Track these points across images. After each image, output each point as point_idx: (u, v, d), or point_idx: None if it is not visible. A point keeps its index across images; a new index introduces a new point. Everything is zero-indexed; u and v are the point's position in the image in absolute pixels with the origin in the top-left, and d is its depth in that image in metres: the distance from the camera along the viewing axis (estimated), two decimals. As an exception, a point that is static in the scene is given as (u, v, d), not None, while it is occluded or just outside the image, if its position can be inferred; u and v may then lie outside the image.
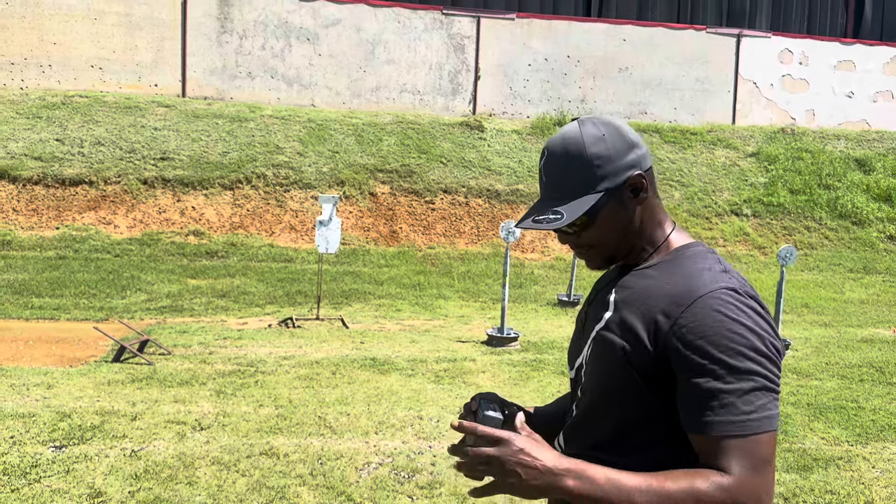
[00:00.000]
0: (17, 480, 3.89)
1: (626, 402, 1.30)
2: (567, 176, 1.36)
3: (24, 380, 5.60)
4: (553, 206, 1.36)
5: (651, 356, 1.26)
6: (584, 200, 1.34)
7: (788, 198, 14.65)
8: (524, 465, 1.18)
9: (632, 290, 1.35)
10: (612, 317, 1.35)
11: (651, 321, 1.27)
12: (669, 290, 1.28)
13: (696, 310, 1.23)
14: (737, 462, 1.17)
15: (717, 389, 1.19)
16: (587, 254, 1.42)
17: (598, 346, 1.36)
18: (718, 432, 1.18)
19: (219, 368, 6.13)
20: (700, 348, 1.20)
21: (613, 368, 1.30)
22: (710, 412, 1.19)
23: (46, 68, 14.48)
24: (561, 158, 1.37)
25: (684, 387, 1.22)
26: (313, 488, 3.94)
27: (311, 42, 15.38)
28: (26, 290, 8.96)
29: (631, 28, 16.48)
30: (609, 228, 1.38)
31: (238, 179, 12.83)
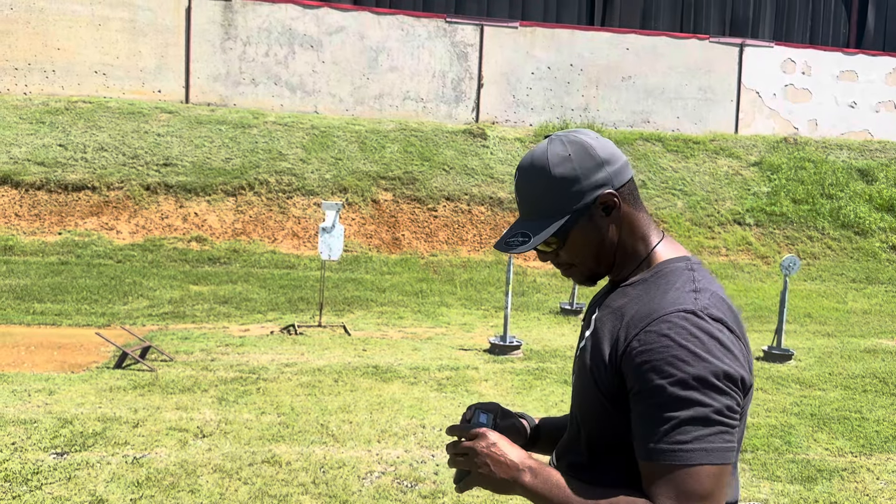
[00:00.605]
0: (19, 487, 3.87)
1: (598, 423, 1.31)
2: (535, 197, 1.36)
3: (25, 386, 5.59)
4: (522, 229, 1.37)
5: (611, 377, 1.26)
6: (551, 222, 1.34)
7: (791, 207, 14.64)
8: (493, 458, 1.27)
9: (609, 309, 1.35)
10: (589, 336, 1.36)
11: (614, 342, 1.27)
12: (635, 311, 1.27)
13: (648, 333, 1.21)
14: (662, 492, 1.15)
15: (657, 417, 1.17)
16: (568, 272, 1.42)
17: (577, 365, 1.40)
18: (651, 458, 1.17)
19: (221, 375, 6.11)
20: (644, 374, 1.19)
21: (587, 389, 1.32)
22: (647, 438, 1.17)
23: (50, 73, 14.52)
24: (530, 179, 1.36)
25: (633, 409, 1.22)
26: (316, 497, 3.92)
27: (314, 49, 15.42)
28: (28, 296, 8.95)
29: (634, 37, 16.51)
30: (583, 247, 1.37)
31: (241, 186, 12.84)
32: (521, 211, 1.40)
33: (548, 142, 1.37)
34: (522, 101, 16.18)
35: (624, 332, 1.25)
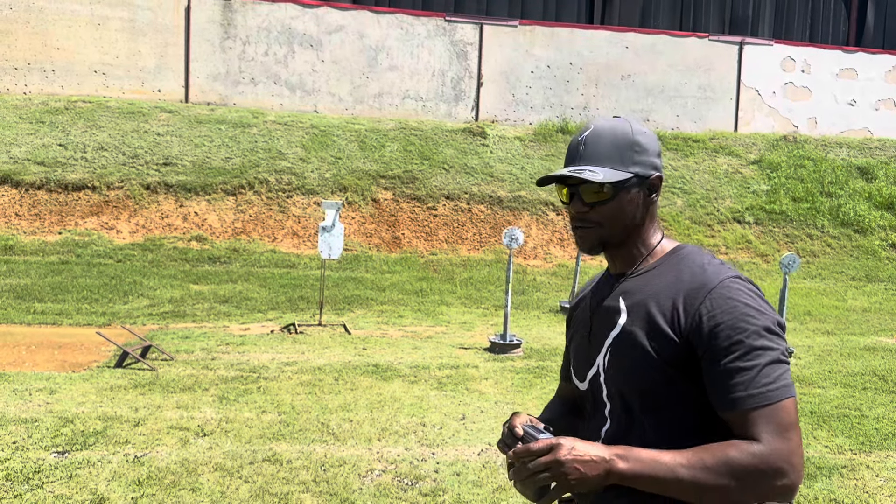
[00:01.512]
0: (20, 486, 3.88)
1: (664, 399, 1.39)
2: (608, 149, 1.46)
3: (26, 385, 5.60)
4: (587, 167, 1.46)
5: (678, 349, 1.36)
6: (618, 172, 1.45)
7: (791, 205, 14.64)
8: (580, 460, 1.27)
9: (640, 293, 1.45)
10: (628, 321, 1.44)
11: (672, 317, 1.38)
12: (681, 287, 1.40)
13: (712, 299, 1.35)
14: (764, 429, 1.28)
15: (739, 368, 1.31)
16: (587, 232, 1.49)
17: (620, 351, 1.44)
18: (745, 406, 1.29)
19: (221, 374, 6.12)
20: (720, 333, 1.32)
21: (645, 369, 1.39)
22: (735, 389, 1.30)
23: (50, 73, 14.52)
24: (607, 134, 1.48)
25: (710, 370, 1.33)
26: (316, 495, 3.93)
27: (314, 48, 15.42)
28: (29, 296, 8.96)
29: (633, 35, 16.51)
30: (619, 212, 1.47)
31: (241, 185, 12.85)
32: (583, 161, 1.47)
33: (629, 118, 1.54)
34: (522, 99, 16.18)
35: (682, 306, 1.37)
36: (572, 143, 1.52)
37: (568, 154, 1.52)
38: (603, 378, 1.47)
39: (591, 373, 1.50)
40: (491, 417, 5.37)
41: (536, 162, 14.61)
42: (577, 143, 1.50)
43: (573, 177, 1.46)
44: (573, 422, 1.67)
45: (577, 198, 1.48)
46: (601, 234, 1.49)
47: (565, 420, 1.67)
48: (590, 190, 1.46)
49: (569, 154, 1.52)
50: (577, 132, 1.54)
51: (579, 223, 1.50)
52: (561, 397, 1.77)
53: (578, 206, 1.48)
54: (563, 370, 1.76)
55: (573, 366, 1.60)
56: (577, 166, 1.48)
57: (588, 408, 1.56)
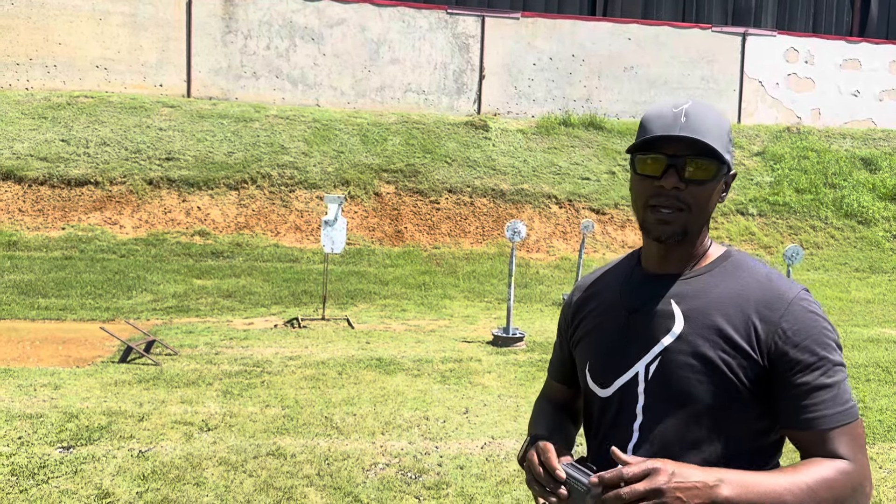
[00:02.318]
0: (26, 481, 3.90)
1: (722, 417, 1.30)
2: (713, 127, 1.32)
3: (31, 380, 5.62)
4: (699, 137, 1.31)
5: (755, 364, 1.29)
6: (725, 154, 1.32)
7: (794, 197, 14.61)
8: (682, 488, 1.15)
9: (698, 300, 1.34)
10: (687, 329, 1.32)
11: (748, 328, 1.29)
12: (752, 298, 1.31)
13: (794, 313, 1.29)
14: (848, 448, 1.25)
15: (824, 384, 1.26)
16: (676, 215, 1.33)
17: (676, 361, 1.32)
18: (831, 424, 1.25)
19: (225, 369, 6.14)
20: (807, 348, 1.27)
21: (710, 384, 1.29)
22: (819, 407, 1.26)
23: (52, 68, 14.51)
24: (708, 111, 1.33)
25: (790, 387, 1.27)
26: (320, 489, 3.94)
27: (315, 42, 15.39)
28: (32, 291, 8.98)
29: (636, 27, 16.45)
30: (709, 200, 1.34)
31: (243, 180, 12.85)
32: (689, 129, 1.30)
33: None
34: (524, 92, 16.14)
35: (759, 319, 1.29)
36: (664, 113, 1.33)
37: (659, 123, 1.32)
38: (642, 388, 1.35)
39: (623, 380, 1.37)
40: (494, 411, 5.37)
41: (539, 155, 14.58)
42: (673, 114, 1.32)
43: (689, 139, 1.28)
44: (570, 432, 1.55)
45: (675, 171, 1.31)
46: (688, 221, 1.34)
47: (564, 432, 1.52)
48: (699, 165, 1.31)
49: (661, 123, 1.32)
50: (660, 105, 1.36)
51: (667, 202, 1.32)
52: (551, 401, 1.63)
53: (674, 180, 1.30)
54: (558, 371, 1.62)
55: (591, 369, 1.44)
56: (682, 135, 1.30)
57: (604, 417, 1.42)
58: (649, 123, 1.35)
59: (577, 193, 13.85)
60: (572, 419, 1.61)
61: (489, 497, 3.94)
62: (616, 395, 1.38)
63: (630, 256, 1.52)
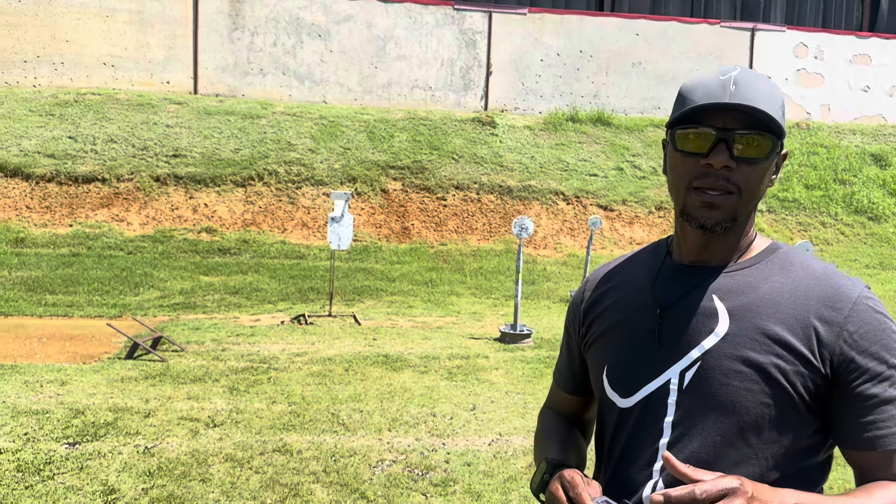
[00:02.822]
0: (31, 477, 3.89)
1: (780, 430, 1.14)
2: (766, 96, 1.15)
3: (37, 376, 5.61)
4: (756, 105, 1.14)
5: (815, 370, 1.13)
6: (781, 127, 1.15)
7: (804, 193, 14.51)
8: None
9: (746, 296, 1.17)
10: (734, 328, 1.15)
11: (808, 330, 1.13)
12: (812, 294, 1.15)
13: (860, 313, 1.14)
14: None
15: (893, 397, 1.11)
16: (724, 198, 1.16)
17: (722, 366, 1.15)
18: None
19: (232, 365, 6.12)
20: (876, 354, 1.12)
21: (762, 393, 1.13)
22: (888, 423, 1.11)
23: (59, 66, 14.54)
24: (759, 78, 1.17)
25: (854, 399, 1.12)
26: (327, 485, 3.92)
27: (322, 38, 15.36)
28: (40, 288, 8.99)
29: (644, 22, 16.36)
30: (761, 181, 1.19)
31: (250, 176, 12.84)
32: (742, 96, 1.14)
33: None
34: (532, 88, 16.08)
35: (820, 321, 1.13)
36: (710, 81, 1.17)
37: (703, 91, 1.16)
38: (674, 398, 1.17)
39: (651, 389, 1.19)
40: (501, 408, 5.34)
41: (546, 151, 14.53)
42: (720, 82, 1.15)
43: (744, 107, 1.12)
44: (582, 451, 1.39)
45: (725, 147, 1.14)
46: (737, 206, 1.18)
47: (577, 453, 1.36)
48: (752, 141, 1.15)
49: (705, 91, 1.16)
50: (704, 73, 1.19)
51: (716, 184, 1.16)
52: (559, 414, 1.45)
53: (724, 158, 1.14)
54: (566, 379, 1.43)
55: (609, 374, 1.26)
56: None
57: (621, 433, 1.24)
58: (691, 93, 1.17)
59: (585, 190, 13.79)
60: (583, 432, 1.46)
61: (496, 494, 3.90)
62: (639, 406, 1.21)
63: (657, 246, 1.34)
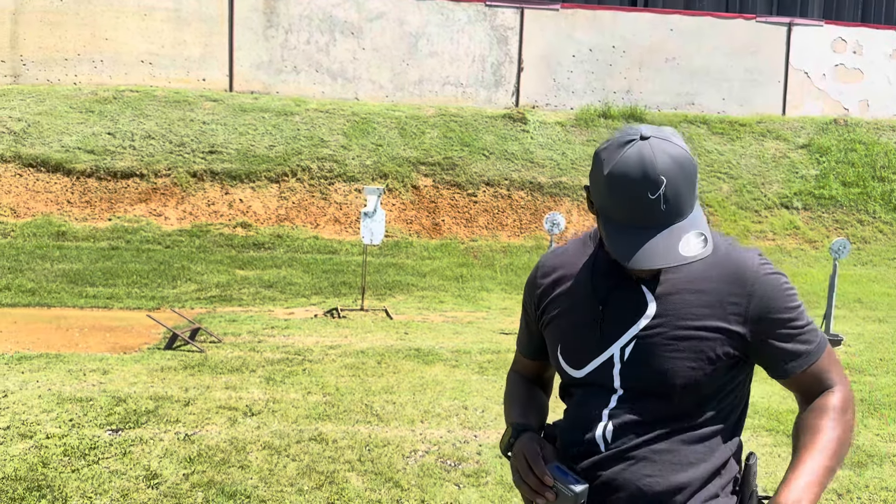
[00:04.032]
0: (78, 461, 4.02)
1: (709, 386, 1.39)
2: (687, 196, 1.31)
3: (80, 365, 5.78)
4: (687, 231, 1.31)
5: (732, 333, 1.38)
6: (700, 219, 1.34)
7: (841, 190, 14.27)
8: None
9: (669, 281, 1.41)
10: (661, 310, 1.39)
11: (724, 304, 1.39)
12: (721, 273, 1.40)
13: (761, 282, 1.39)
14: (834, 376, 1.43)
15: (799, 331, 1.40)
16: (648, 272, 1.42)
17: (654, 342, 1.39)
18: (813, 359, 1.41)
19: (268, 356, 6.24)
20: (779, 306, 1.39)
21: (692, 360, 1.37)
22: (802, 349, 1.40)
23: (98, 64, 14.85)
24: (679, 179, 1.29)
25: (774, 342, 1.39)
26: (362, 474, 4.00)
27: (354, 36, 15.48)
28: (81, 280, 9.22)
29: (678, 17, 16.21)
30: None
31: (284, 172, 13.01)
32: (668, 217, 1.30)
33: (671, 136, 1.32)
34: (563, 84, 16.03)
35: (728, 291, 1.39)
36: (640, 199, 1.28)
37: (638, 211, 1.29)
38: (618, 369, 1.40)
39: (598, 363, 1.42)
40: (533, 401, 5.37)
41: (578, 147, 14.48)
42: (650, 201, 1.28)
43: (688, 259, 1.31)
44: (543, 406, 1.65)
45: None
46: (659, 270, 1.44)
47: (539, 410, 1.61)
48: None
49: (640, 213, 1.29)
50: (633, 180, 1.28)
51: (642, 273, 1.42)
52: (523, 376, 1.71)
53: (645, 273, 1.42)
54: (526, 347, 1.67)
55: (563, 351, 1.48)
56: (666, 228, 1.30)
57: (578, 393, 1.48)
58: (623, 204, 1.30)
59: (617, 186, 13.71)
60: (543, 388, 1.73)
61: (529, 485, 3.94)
62: (591, 376, 1.44)
63: (589, 238, 1.54)
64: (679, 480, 1.36)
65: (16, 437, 4.29)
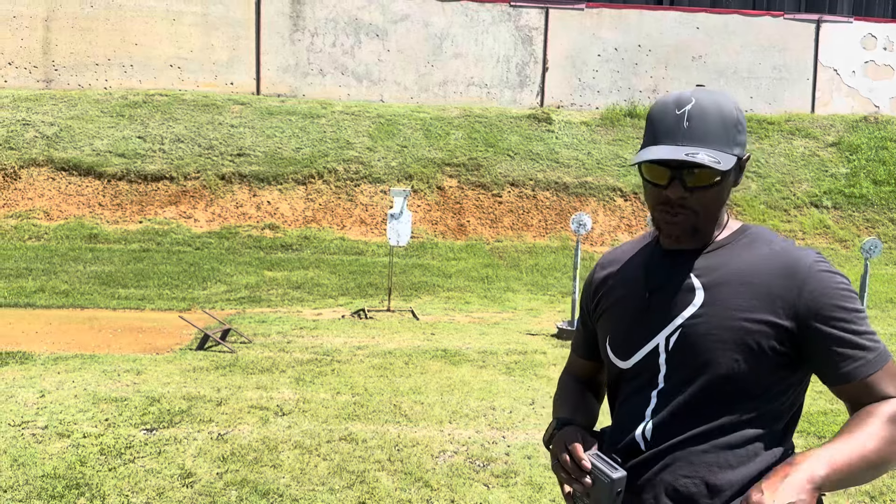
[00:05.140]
0: (114, 460, 4.11)
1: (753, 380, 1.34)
2: (716, 128, 1.34)
3: (114, 366, 5.89)
4: (699, 149, 1.32)
5: (780, 328, 1.32)
6: (728, 156, 1.34)
7: (872, 189, 14.06)
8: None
9: (718, 272, 1.37)
10: (708, 299, 1.36)
11: (773, 297, 1.33)
12: (773, 267, 1.35)
13: (814, 276, 1.33)
14: (892, 385, 1.31)
15: (855, 333, 1.31)
16: (682, 218, 1.37)
17: (699, 331, 1.35)
18: (871, 370, 1.30)
19: (297, 357, 6.31)
20: (831, 304, 1.31)
21: (735, 351, 1.32)
22: (858, 355, 1.31)
23: (128, 68, 15.09)
24: (712, 110, 1.34)
25: (828, 344, 1.31)
26: (392, 473, 4.04)
27: (380, 38, 15.57)
28: (113, 282, 9.39)
29: (704, 15, 16.08)
30: (720, 197, 1.38)
31: (310, 174, 13.12)
32: (688, 138, 1.33)
33: (717, 90, 1.39)
34: (588, 83, 15.98)
35: (780, 285, 1.33)
36: (667, 115, 1.35)
37: (662, 127, 1.36)
38: (663, 358, 1.38)
39: (644, 352, 1.41)
40: (561, 402, 5.38)
41: (603, 147, 14.42)
42: (675, 117, 1.34)
43: (688, 161, 1.31)
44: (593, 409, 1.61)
45: (679, 182, 1.35)
46: (696, 222, 1.38)
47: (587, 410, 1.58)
48: (700, 175, 1.34)
49: (664, 128, 1.36)
50: (666, 102, 1.37)
51: (673, 210, 1.37)
52: (575, 377, 1.70)
53: (679, 191, 1.35)
54: (581, 346, 1.67)
55: (612, 342, 1.49)
56: (683, 146, 1.33)
57: (625, 387, 1.46)
58: (653, 125, 1.38)
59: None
60: (595, 394, 1.68)
61: (558, 487, 3.96)
62: (637, 367, 1.43)
63: (647, 235, 1.57)
64: (716, 483, 1.33)
65: (54, 437, 4.39)
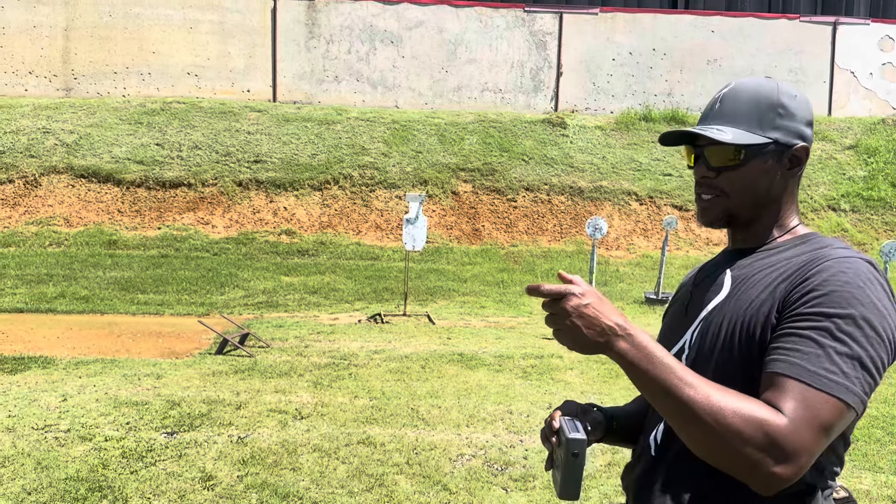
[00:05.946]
0: (136, 463, 4.16)
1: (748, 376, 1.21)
2: (746, 108, 1.32)
3: (135, 370, 5.96)
4: (718, 125, 1.32)
5: (771, 325, 1.19)
6: (752, 135, 1.29)
7: (890, 192, 13.94)
8: (586, 318, 1.14)
9: (750, 267, 1.30)
10: (729, 294, 1.29)
11: (772, 291, 1.21)
12: (796, 262, 1.24)
13: (823, 270, 1.17)
14: (794, 407, 1.08)
15: (813, 339, 1.12)
16: (712, 201, 1.33)
17: (709, 328, 1.28)
18: (791, 373, 1.10)
19: (315, 361, 6.36)
20: (818, 302, 1.14)
21: (729, 345, 1.23)
22: (794, 356, 1.11)
23: (146, 76, 15.25)
24: (748, 92, 1.33)
25: (783, 333, 1.15)
26: (410, 477, 4.06)
27: (394, 45, 15.65)
28: (132, 287, 9.49)
29: (719, 19, 16.03)
30: (751, 181, 1.31)
31: (326, 180, 13.20)
32: (715, 118, 1.33)
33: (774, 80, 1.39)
34: (603, 88, 15.97)
35: (785, 278, 1.21)
36: (711, 100, 1.38)
37: (703, 112, 1.38)
38: (686, 355, 1.31)
39: (677, 349, 1.34)
40: (578, 406, 5.38)
41: (618, 151, 14.41)
42: (713, 100, 1.36)
43: (699, 134, 1.31)
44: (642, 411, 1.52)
45: (703, 161, 1.34)
46: (727, 206, 1.33)
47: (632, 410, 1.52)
48: (717, 152, 1.31)
49: (703, 112, 1.37)
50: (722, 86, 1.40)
51: (702, 190, 1.34)
52: None
53: (703, 170, 1.33)
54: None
55: (660, 340, 1.43)
56: (707, 124, 1.33)
57: None
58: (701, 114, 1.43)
59: (659, 190, 13.61)
60: None
61: (576, 490, 3.96)
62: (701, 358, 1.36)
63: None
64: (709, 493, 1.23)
65: (76, 440, 4.45)
